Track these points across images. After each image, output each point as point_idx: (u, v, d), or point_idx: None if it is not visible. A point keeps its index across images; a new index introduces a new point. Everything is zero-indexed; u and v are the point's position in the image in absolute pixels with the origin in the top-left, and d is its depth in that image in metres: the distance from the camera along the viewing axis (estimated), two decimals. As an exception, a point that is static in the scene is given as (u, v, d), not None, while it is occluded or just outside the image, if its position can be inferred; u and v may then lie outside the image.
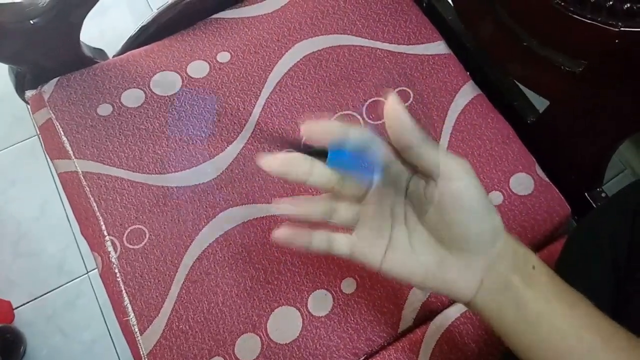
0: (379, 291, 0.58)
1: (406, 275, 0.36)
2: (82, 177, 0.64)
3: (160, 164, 0.64)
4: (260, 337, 0.57)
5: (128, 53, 0.72)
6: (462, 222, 0.34)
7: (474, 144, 0.66)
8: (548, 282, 0.35)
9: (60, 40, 0.67)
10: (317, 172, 0.35)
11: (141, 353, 0.56)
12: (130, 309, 0.58)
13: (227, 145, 0.66)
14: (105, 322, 1.03)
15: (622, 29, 0.49)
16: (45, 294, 1.06)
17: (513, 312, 0.34)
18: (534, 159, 0.66)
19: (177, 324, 0.57)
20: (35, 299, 1.05)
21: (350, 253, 0.37)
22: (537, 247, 0.62)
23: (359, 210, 0.37)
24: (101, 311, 1.04)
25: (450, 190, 0.33)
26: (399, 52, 0.71)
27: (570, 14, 0.52)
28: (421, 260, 0.36)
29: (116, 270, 0.59)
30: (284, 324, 0.57)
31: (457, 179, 0.33)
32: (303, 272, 0.59)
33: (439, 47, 0.72)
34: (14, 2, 0.62)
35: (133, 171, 0.64)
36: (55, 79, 0.69)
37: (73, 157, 0.65)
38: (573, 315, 0.33)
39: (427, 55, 0.71)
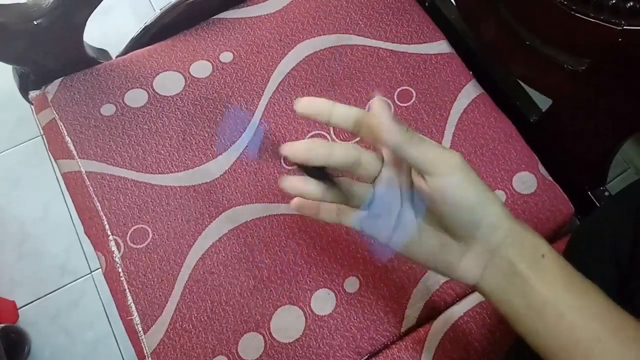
0: (382, 290, 0.58)
1: (411, 255, 0.38)
2: (85, 177, 0.64)
3: (163, 164, 0.65)
4: (264, 336, 0.57)
5: (131, 53, 0.73)
6: (450, 215, 0.35)
7: (476, 143, 0.66)
8: (557, 270, 0.35)
9: (63, 41, 0.67)
10: (337, 153, 0.36)
11: (145, 352, 0.57)
12: (133, 308, 0.58)
13: (230, 145, 0.66)
14: (109, 321, 1.03)
15: (625, 27, 0.49)
16: (49, 293, 1.06)
17: (519, 299, 0.35)
18: (537, 158, 0.66)
19: (180, 323, 0.57)
20: (39, 298, 1.06)
21: (359, 227, 0.39)
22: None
23: (370, 187, 0.39)
24: (105, 311, 1.04)
25: (436, 186, 0.34)
26: (401, 52, 0.71)
27: (573, 12, 0.52)
28: (424, 241, 0.37)
29: (120, 270, 0.60)
30: (287, 323, 0.57)
31: (442, 175, 0.34)
32: (306, 271, 0.59)
33: (441, 47, 0.72)
34: (18, 3, 0.62)
35: (136, 171, 0.64)
36: (59, 80, 0.69)
37: (76, 157, 0.65)
38: (581, 306, 0.34)
39: (429, 54, 0.71)
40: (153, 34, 0.74)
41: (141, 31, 0.74)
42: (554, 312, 0.34)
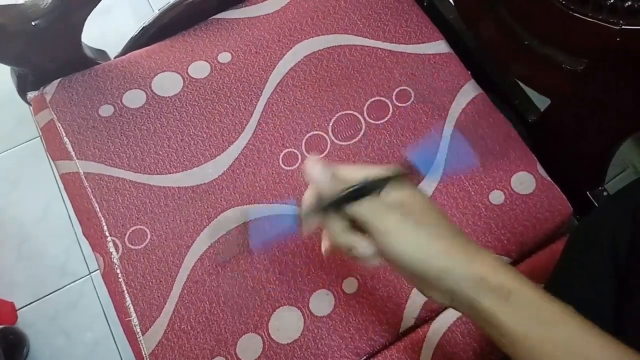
0: (381, 291, 0.58)
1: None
2: (83, 178, 0.64)
3: (161, 165, 0.65)
4: (262, 337, 0.57)
5: (129, 54, 0.73)
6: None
7: (475, 143, 0.66)
8: (526, 304, 0.35)
9: (61, 42, 0.67)
10: None
11: (143, 353, 0.56)
12: (132, 309, 0.58)
13: (229, 146, 0.66)
14: (107, 322, 1.03)
15: (623, 27, 0.49)
16: (48, 295, 1.06)
17: (489, 330, 0.36)
18: (535, 158, 0.66)
19: (179, 324, 0.57)
20: (38, 300, 1.05)
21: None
22: (538, 246, 0.62)
23: None
24: (104, 312, 1.04)
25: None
26: (399, 52, 0.71)
27: (571, 12, 0.52)
28: None
29: (118, 271, 0.60)
30: (286, 324, 0.57)
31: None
32: (304, 272, 0.59)
33: (440, 47, 0.72)
34: (16, 4, 0.62)
35: (135, 172, 0.64)
36: (57, 80, 0.69)
37: (75, 158, 0.65)
38: (551, 337, 0.34)
39: (428, 54, 0.71)
40: (151, 34, 0.74)
41: (139, 32, 0.74)
42: (525, 343, 0.34)
